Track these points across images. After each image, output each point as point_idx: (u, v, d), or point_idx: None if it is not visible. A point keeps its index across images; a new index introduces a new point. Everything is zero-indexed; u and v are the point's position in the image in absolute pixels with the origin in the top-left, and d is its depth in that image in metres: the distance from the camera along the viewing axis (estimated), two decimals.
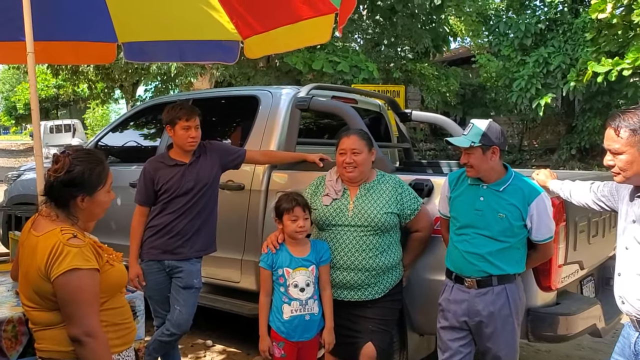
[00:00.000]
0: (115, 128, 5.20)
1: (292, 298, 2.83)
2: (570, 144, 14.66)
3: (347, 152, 2.95)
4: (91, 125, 30.83)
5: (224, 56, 4.30)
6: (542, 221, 2.65)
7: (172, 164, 3.31)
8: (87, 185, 1.94)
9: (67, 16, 4.06)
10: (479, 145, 2.64)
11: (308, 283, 2.85)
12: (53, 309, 1.86)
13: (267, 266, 2.89)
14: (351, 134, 3.03)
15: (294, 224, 2.84)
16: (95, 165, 1.97)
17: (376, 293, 2.93)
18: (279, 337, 2.85)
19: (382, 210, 2.90)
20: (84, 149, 2.08)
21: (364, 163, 2.96)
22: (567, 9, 13.99)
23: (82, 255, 1.83)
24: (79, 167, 1.92)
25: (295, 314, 2.83)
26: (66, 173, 1.91)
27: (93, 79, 19.48)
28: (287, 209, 2.85)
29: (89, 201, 1.96)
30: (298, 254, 2.88)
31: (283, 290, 2.85)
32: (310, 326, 2.86)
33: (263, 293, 2.92)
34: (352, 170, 2.95)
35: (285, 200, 2.89)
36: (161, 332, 3.29)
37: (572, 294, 3.16)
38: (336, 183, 3.03)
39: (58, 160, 1.94)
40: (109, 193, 2.04)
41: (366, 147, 2.98)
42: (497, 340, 2.66)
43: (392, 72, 13.61)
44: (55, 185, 1.92)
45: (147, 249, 3.31)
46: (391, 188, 2.98)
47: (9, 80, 49.05)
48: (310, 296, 2.85)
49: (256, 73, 13.30)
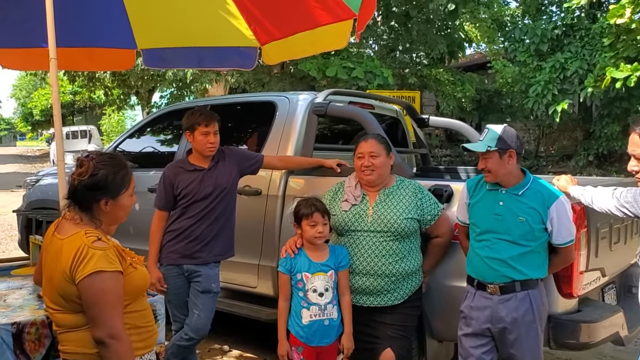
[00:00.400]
0: (134, 134, 5.25)
1: (310, 303, 2.83)
2: (588, 150, 14.51)
3: (365, 156, 2.96)
4: (107, 132, 31.11)
5: (242, 62, 4.33)
6: (562, 224, 2.63)
7: (192, 169, 3.33)
8: (111, 189, 1.96)
9: (88, 23, 4.11)
10: (495, 150, 2.64)
11: (327, 288, 2.84)
12: (77, 311, 1.87)
13: (285, 271, 2.89)
14: (369, 138, 3.03)
15: (313, 229, 2.84)
16: (118, 169, 1.99)
17: (395, 299, 2.92)
18: (298, 342, 2.85)
19: (402, 215, 2.89)
20: (107, 153, 2.10)
21: (382, 166, 2.96)
22: (584, 14, 13.88)
23: (106, 257, 1.84)
24: (103, 170, 1.95)
25: (314, 319, 2.82)
26: (90, 177, 1.93)
27: (109, 85, 19.68)
28: (306, 214, 2.86)
29: (113, 204, 1.97)
30: (317, 259, 2.88)
31: (302, 295, 2.85)
32: (329, 331, 2.85)
33: (282, 298, 2.92)
34: (370, 173, 2.95)
35: (304, 206, 2.89)
36: (180, 337, 3.30)
37: (594, 302, 3.12)
38: (355, 189, 3.03)
39: (82, 164, 1.96)
40: (132, 197, 2.06)
41: (384, 150, 2.98)
42: (521, 347, 2.64)
43: (407, 77, 13.59)
44: (80, 188, 1.94)
45: (166, 253, 3.33)
46: (411, 193, 2.97)
47: (26, 86, 49.79)
48: (329, 301, 2.84)
49: (270, 79, 13.35)
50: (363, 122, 3.72)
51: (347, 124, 4.83)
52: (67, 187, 2.00)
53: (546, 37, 13.47)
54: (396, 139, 4.88)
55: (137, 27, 4.20)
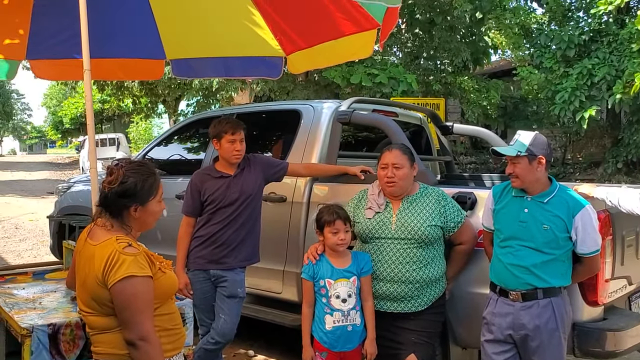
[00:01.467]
0: (162, 142, 5.36)
1: (334, 309, 2.86)
2: (617, 157, 14.25)
3: (388, 167, 2.98)
4: (134, 139, 31.59)
5: (268, 71, 4.40)
6: (588, 234, 2.62)
7: (218, 176, 3.41)
8: (140, 196, 2.03)
9: (119, 35, 4.24)
10: (525, 155, 2.64)
11: (350, 294, 2.87)
12: (109, 314, 1.94)
13: (308, 277, 2.93)
14: (393, 149, 3.05)
15: (335, 236, 2.88)
16: (147, 176, 2.06)
17: (419, 305, 2.94)
18: (322, 347, 2.88)
19: (426, 223, 2.91)
20: (136, 161, 2.17)
21: (405, 178, 2.98)
22: (612, 20, 13.69)
23: (137, 263, 1.91)
24: (132, 178, 2.01)
25: (337, 325, 2.85)
26: (120, 184, 2.00)
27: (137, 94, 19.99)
28: (328, 221, 2.89)
29: (142, 211, 2.04)
30: (339, 265, 2.91)
31: (325, 301, 2.88)
32: (353, 337, 2.88)
33: (305, 304, 2.96)
34: (392, 184, 2.97)
35: (327, 213, 2.93)
36: (206, 341, 3.36)
37: (620, 310, 3.09)
38: (378, 197, 3.06)
39: (112, 172, 2.03)
40: (160, 203, 2.12)
41: (408, 161, 3.00)
42: (544, 355, 2.64)
43: (431, 84, 13.55)
44: (110, 196, 2.01)
45: (193, 258, 3.40)
46: (434, 201, 2.99)
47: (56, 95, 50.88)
48: (352, 307, 2.87)
49: (295, 87, 13.44)
50: (387, 129, 3.75)
51: (371, 131, 4.87)
52: (99, 195, 2.07)
53: (573, 43, 13.31)
54: (420, 147, 4.90)
55: (166, 39, 4.31)
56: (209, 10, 4.07)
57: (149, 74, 4.86)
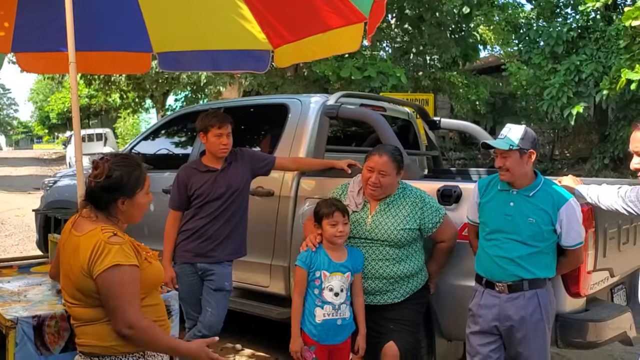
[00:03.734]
0: (148, 136, 5.34)
1: (325, 301, 2.86)
2: (604, 153, 14.38)
3: (374, 172, 2.94)
4: (122, 135, 31.39)
5: (255, 65, 4.40)
6: (572, 226, 2.65)
7: (205, 170, 3.40)
8: (127, 189, 2.02)
9: (105, 27, 4.21)
10: (516, 149, 2.66)
11: (342, 288, 2.87)
12: (94, 305, 1.94)
13: (304, 265, 2.89)
14: (384, 154, 2.97)
15: (334, 228, 2.85)
16: (132, 169, 2.05)
17: (396, 298, 2.98)
18: (311, 340, 2.88)
19: (400, 226, 2.93)
20: (121, 154, 2.16)
21: (389, 185, 2.97)
22: (599, 17, 13.78)
23: (122, 252, 1.91)
24: (118, 171, 2.00)
25: (327, 318, 2.85)
26: (106, 178, 1.99)
27: (125, 88, 19.87)
28: (327, 213, 2.86)
29: (129, 204, 2.04)
30: (336, 259, 2.90)
31: (317, 293, 2.87)
32: (341, 330, 2.89)
33: (297, 293, 2.93)
34: (375, 189, 2.96)
35: (325, 205, 2.91)
36: (193, 334, 3.36)
37: (602, 301, 3.14)
38: (357, 195, 3.05)
39: (97, 166, 2.02)
40: (148, 195, 2.12)
41: (395, 169, 2.96)
42: (529, 346, 2.67)
43: (420, 80, 13.59)
44: (96, 190, 2.00)
45: (180, 252, 3.40)
46: (411, 203, 2.99)
47: (43, 90, 50.41)
48: (343, 301, 2.87)
49: (284, 82, 13.43)
50: (374, 124, 3.77)
51: (358, 126, 4.88)
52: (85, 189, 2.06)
53: (561, 40, 13.39)
54: (408, 141, 4.91)
55: (153, 32, 4.29)
56: (196, 3, 4.05)
57: (136, 68, 4.83)
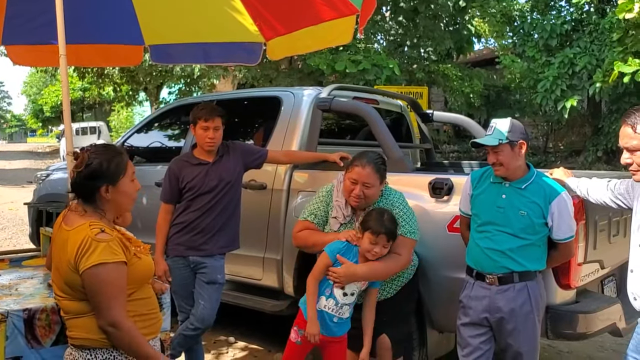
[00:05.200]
0: (141, 129, 5.32)
1: (332, 296, 2.82)
2: (597, 145, 14.44)
3: (358, 184, 2.86)
4: (116, 128, 31.28)
5: (247, 57, 4.38)
6: (563, 220, 2.66)
7: (196, 163, 3.40)
8: (108, 175, 2.01)
9: (96, 20, 4.18)
10: (506, 142, 2.66)
11: (353, 293, 2.83)
12: (83, 298, 1.94)
13: (332, 256, 2.80)
14: (367, 166, 2.85)
15: (372, 246, 2.76)
16: (112, 155, 2.05)
17: (388, 294, 3.00)
18: (303, 323, 2.84)
19: None
20: (101, 144, 2.16)
21: (373, 196, 2.91)
22: (593, 9, 13.80)
23: (109, 249, 1.91)
24: (97, 159, 2.01)
25: (325, 310, 2.82)
26: (86, 167, 1.99)
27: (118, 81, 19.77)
28: (374, 231, 2.74)
29: (114, 191, 2.03)
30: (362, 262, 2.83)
31: (330, 284, 2.81)
32: (334, 327, 2.85)
33: (314, 277, 2.83)
34: (358, 201, 2.89)
35: (376, 221, 2.76)
36: (185, 327, 3.37)
37: (592, 293, 3.16)
38: (345, 207, 2.98)
39: (77, 156, 2.03)
40: (133, 182, 2.11)
41: (379, 179, 2.88)
42: (518, 337, 2.68)
43: (415, 73, 13.58)
44: (78, 180, 2.01)
45: (172, 245, 3.40)
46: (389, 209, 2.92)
47: (36, 83, 50.12)
48: (348, 304, 2.84)
49: (278, 75, 13.40)
50: (367, 117, 3.77)
51: (352, 119, 4.88)
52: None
53: (555, 33, 13.41)
54: (400, 134, 4.92)
55: (144, 24, 4.27)
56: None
57: (128, 60, 4.80)
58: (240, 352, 4.34)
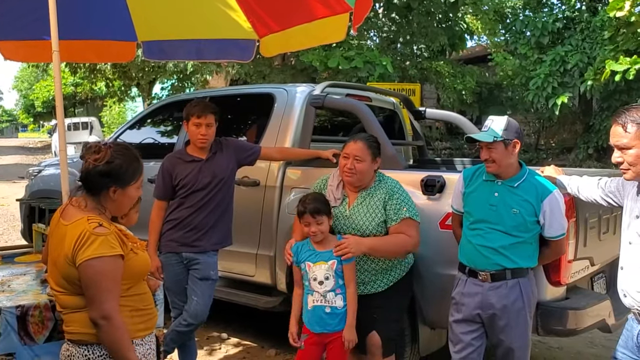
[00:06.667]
0: (134, 125, 5.31)
1: (312, 290, 2.89)
2: (588, 143, 14.54)
3: (350, 158, 2.97)
4: (108, 123, 31.13)
5: (240, 54, 4.37)
6: (555, 218, 2.68)
7: (190, 160, 3.40)
8: (122, 179, 2.03)
9: (89, 16, 4.15)
10: (501, 140, 2.68)
11: (327, 277, 2.86)
12: (80, 293, 1.95)
13: (295, 262, 2.97)
14: (358, 140, 3.01)
15: (307, 228, 2.89)
16: (132, 160, 2.07)
17: (378, 287, 3.01)
18: (305, 329, 2.92)
19: (374, 221, 2.94)
20: (123, 144, 2.17)
21: (364, 171, 2.97)
22: (585, 7, 13.88)
23: (107, 242, 1.91)
24: (119, 160, 2.02)
25: (316, 304, 2.87)
26: (106, 163, 1.99)
27: (110, 77, 19.67)
28: (299, 212, 2.92)
29: (120, 194, 2.04)
30: (321, 249, 2.91)
31: (307, 284, 2.92)
32: (331, 319, 2.87)
33: (297, 285, 3.02)
34: (351, 175, 2.98)
35: (300, 203, 2.93)
36: (178, 323, 3.38)
37: (582, 290, 3.19)
38: (336, 189, 3.06)
39: (100, 150, 2.02)
40: (139, 190, 2.12)
41: (370, 155, 2.98)
42: (510, 333, 2.71)
43: (407, 70, 13.59)
44: (93, 173, 2.00)
45: (165, 241, 3.40)
46: (382, 195, 2.98)
47: (28, 78, 49.71)
48: (331, 289, 2.86)
49: (272, 71, 13.38)
50: (359, 114, 3.78)
51: (344, 115, 4.89)
52: (81, 170, 2.04)
53: (547, 30, 13.49)
54: (393, 131, 4.94)
55: (137, 20, 4.24)
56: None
57: (120, 56, 4.77)
58: (233, 348, 4.36)
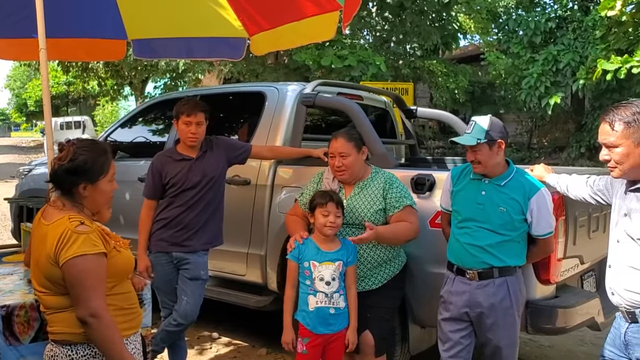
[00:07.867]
0: (124, 124, 5.28)
1: (317, 290, 2.85)
2: (580, 142, 14.60)
3: (335, 156, 3.00)
4: (101, 122, 31.04)
5: (230, 53, 4.36)
6: (542, 216, 2.68)
7: (180, 159, 3.38)
8: (89, 174, 2.01)
9: (78, 13, 4.13)
10: (485, 142, 2.68)
11: (334, 277, 2.85)
12: (63, 293, 1.93)
13: (294, 258, 2.92)
14: (338, 137, 3.04)
15: (325, 218, 2.85)
16: (98, 155, 2.04)
17: (373, 284, 3.00)
18: (306, 332, 2.87)
19: (372, 209, 2.96)
20: (89, 139, 2.14)
21: (353, 165, 3.00)
22: (577, 7, 13.93)
23: (89, 241, 1.90)
24: (82, 156, 1.99)
25: (320, 305, 2.84)
26: (70, 161, 1.98)
27: (103, 76, 19.61)
28: (321, 203, 2.88)
29: (92, 189, 2.02)
30: (326, 249, 2.89)
31: (309, 283, 2.87)
32: (335, 319, 2.86)
33: (289, 285, 2.95)
34: (342, 173, 3.01)
35: (320, 196, 2.93)
36: (168, 323, 3.36)
37: (571, 288, 3.19)
38: (332, 182, 3.09)
39: (63, 148, 2.01)
40: (111, 183, 2.10)
41: (354, 148, 3.00)
42: (498, 332, 2.71)
43: (400, 69, 13.60)
44: (59, 172, 2.00)
45: (155, 241, 3.38)
46: (380, 185, 3.01)
47: (20, 77, 49.44)
48: (336, 290, 2.86)
49: (264, 70, 13.36)
50: (350, 113, 3.77)
51: (336, 114, 4.88)
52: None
53: (539, 30, 13.53)
54: (384, 130, 4.94)
55: (127, 18, 4.22)
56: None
57: (110, 55, 4.75)
58: (224, 347, 4.34)
